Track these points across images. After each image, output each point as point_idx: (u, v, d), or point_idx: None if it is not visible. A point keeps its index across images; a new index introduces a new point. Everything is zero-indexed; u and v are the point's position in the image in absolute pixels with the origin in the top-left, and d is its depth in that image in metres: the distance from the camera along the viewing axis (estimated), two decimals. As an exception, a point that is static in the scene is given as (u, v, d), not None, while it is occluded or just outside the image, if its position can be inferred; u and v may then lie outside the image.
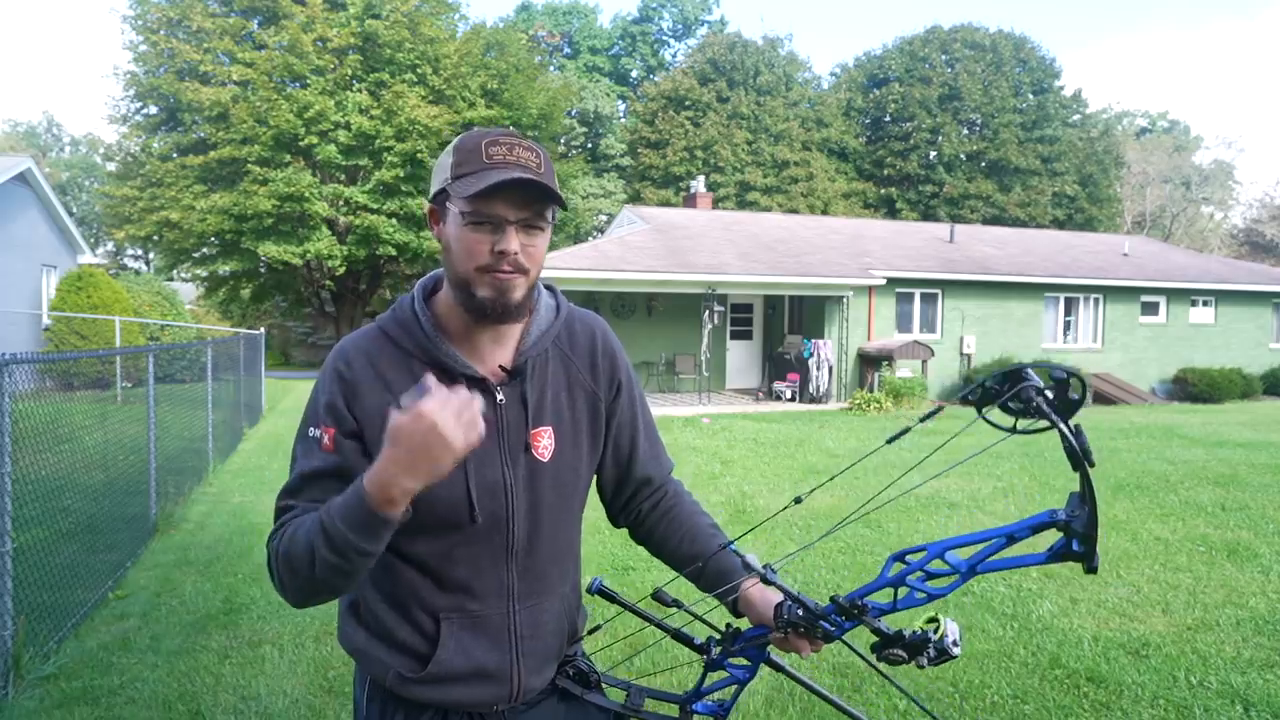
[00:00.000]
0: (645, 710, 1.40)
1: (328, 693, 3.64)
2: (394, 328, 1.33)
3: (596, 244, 18.32)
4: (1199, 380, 18.85)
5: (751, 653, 1.34)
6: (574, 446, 1.39)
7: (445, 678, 1.31)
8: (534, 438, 1.34)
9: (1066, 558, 1.03)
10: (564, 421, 1.38)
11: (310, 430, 1.29)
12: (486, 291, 1.24)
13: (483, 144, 1.23)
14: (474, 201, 1.21)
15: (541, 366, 1.37)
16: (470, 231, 1.23)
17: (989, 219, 34.04)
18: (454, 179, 1.24)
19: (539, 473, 1.35)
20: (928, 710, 1.40)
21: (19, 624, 3.73)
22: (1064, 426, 1.03)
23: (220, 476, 8.67)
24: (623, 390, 1.46)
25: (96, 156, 36.07)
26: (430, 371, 1.25)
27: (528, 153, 1.24)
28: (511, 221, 1.22)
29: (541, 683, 1.39)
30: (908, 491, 7.19)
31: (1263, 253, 44.25)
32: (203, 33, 23.03)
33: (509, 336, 1.34)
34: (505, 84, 25.31)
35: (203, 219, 22.05)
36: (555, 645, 1.41)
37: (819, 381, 16.39)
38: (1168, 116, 53.09)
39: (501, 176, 1.20)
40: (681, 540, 1.50)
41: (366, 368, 1.30)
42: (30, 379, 4.18)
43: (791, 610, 1.22)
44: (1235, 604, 4.80)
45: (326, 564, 1.14)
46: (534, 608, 1.36)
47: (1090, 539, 1.01)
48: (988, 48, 36.60)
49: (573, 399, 1.40)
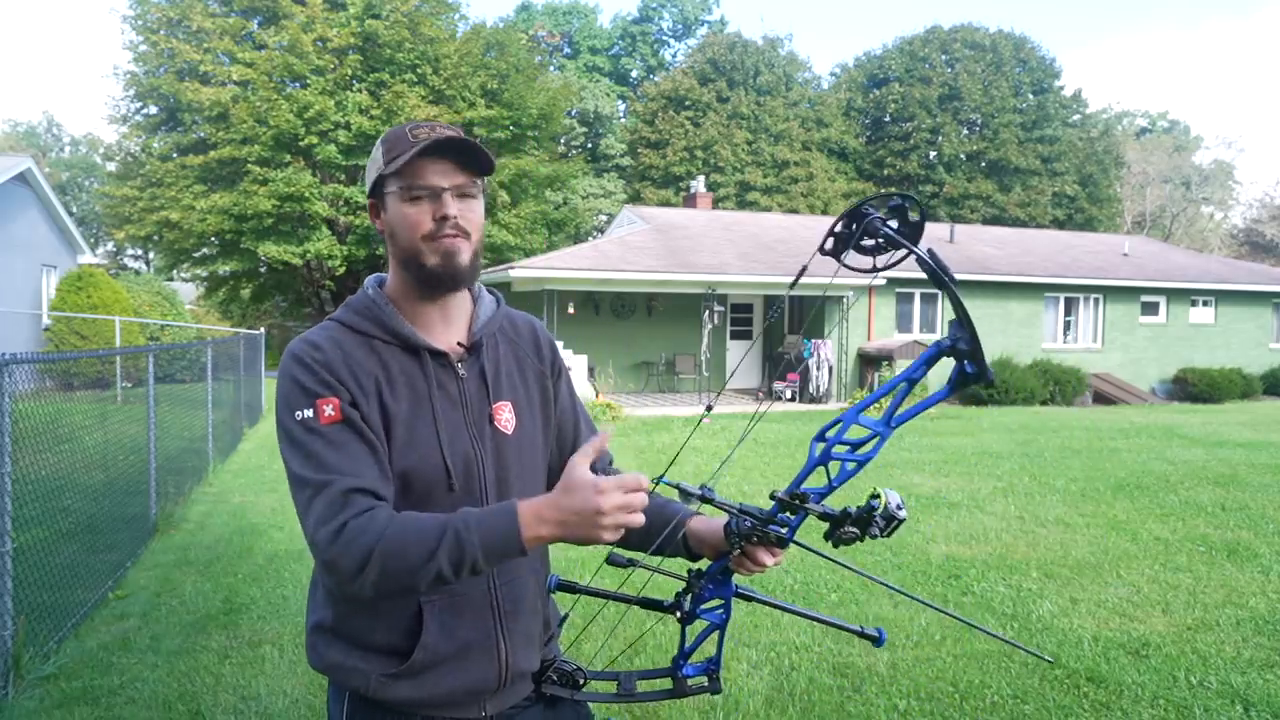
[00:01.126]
0: (640, 692, 1.40)
1: (327, 693, 3.63)
2: (349, 316, 1.37)
3: (596, 244, 18.32)
4: (1199, 380, 18.85)
5: (721, 591, 1.34)
6: (532, 420, 1.45)
7: (431, 664, 1.30)
8: (495, 411, 1.39)
9: (965, 382, 1.05)
10: (520, 397, 1.44)
11: (299, 414, 1.25)
12: (435, 259, 1.31)
13: (407, 130, 1.31)
14: (408, 175, 1.29)
15: (493, 347, 1.44)
16: (410, 207, 1.30)
17: (989, 219, 34.04)
18: (386, 164, 1.30)
19: (503, 445, 1.39)
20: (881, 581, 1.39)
21: (19, 624, 3.73)
22: (917, 250, 1.06)
23: (220, 476, 8.67)
24: (563, 375, 1.55)
25: (96, 156, 36.11)
26: (393, 348, 1.32)
27: (450, 131, 1.31)
28: (445, 189, 1.29)
29: (529, 666, 1.39)
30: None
31: (1263, 253, 44.24)
32: (203, 33, 23.02)
33: (458, 318, 1.41)
34: (505, 84, 25.30)
35: (203, 219, 22.05)
36: (535, 626, 1.42)
37: (819, 381, 16.39)
38: (1168, 116, 53.11)
39: (428, 142, 1.28)
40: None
41: (334, 348, 1.31)
42: (30, 379, 4.18)
43: (740, 523, 1.23)
44: (1235, 604, 4.80)
45: (436, 573, 1.15)
46: (512, 582, 1.37)
47: (977, 355, 1.03)
48: (988, 48, 36.60)
49: (524, 377, 1.47)
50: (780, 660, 3.95)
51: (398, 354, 1.34)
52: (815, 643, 4.16)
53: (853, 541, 1.16)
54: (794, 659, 3.96)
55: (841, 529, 1.16)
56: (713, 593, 1.34)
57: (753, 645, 4.12)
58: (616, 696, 1.40)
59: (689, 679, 1.41)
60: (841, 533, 1.16)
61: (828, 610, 4.61)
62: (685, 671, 1.40)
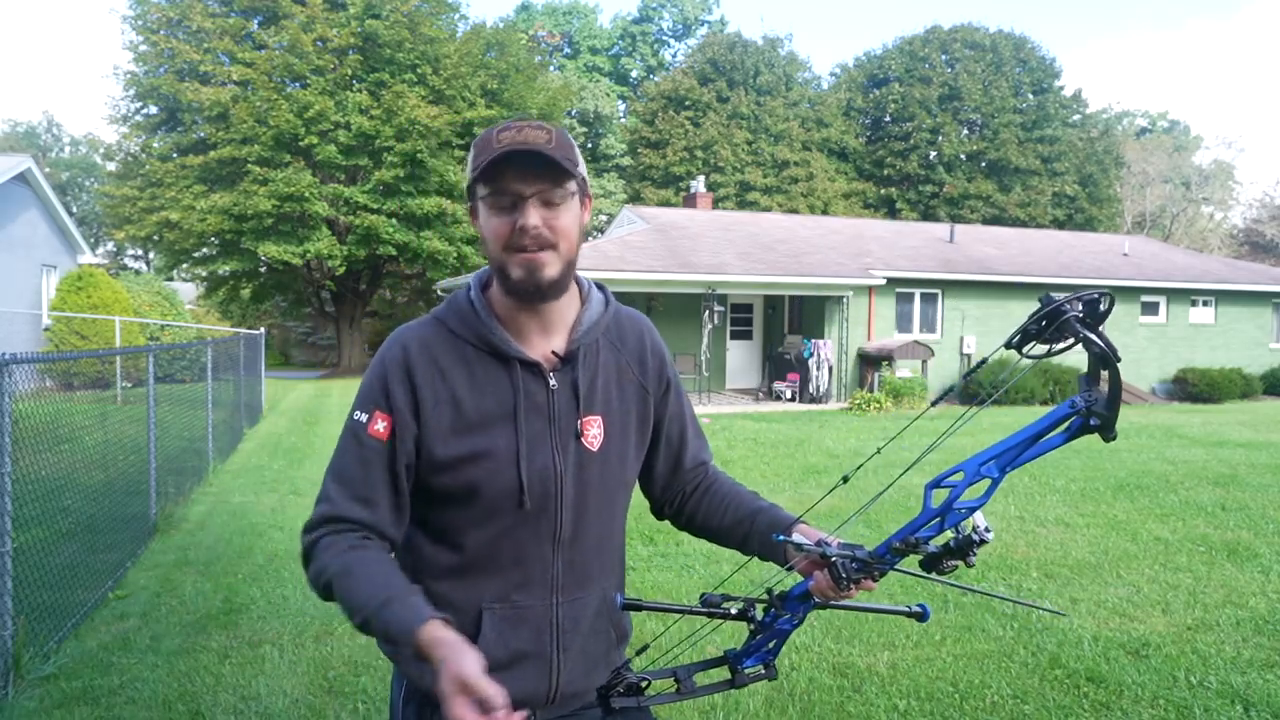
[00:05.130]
0: (701, 687, 1.40)
1: (328, 693, 3.64)
2: (449, 316, 1.36)
3: (596, 244, 18.31)
4: (1199, 380, 18.85)
5: (799, 609, 1.34)
6: (623, 437, 1.40)
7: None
8: (584, 426, 1.35)
9: (1084, 432, 1.08)
10: (613, 411, 1.39)
11: (357, 414, 1.31)
12: (518, 271, 1.27)
13: (494, 133, 1.26)
14: (488, 183, 1.25)
15: (593, 355, 1.39)
16: (493, 215, 1.26)
17: (989, 219, 34.03)
18: (473, 169, 1.27)
19: (587, 461, 1.35)
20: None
21: (19, 624, 3.73)
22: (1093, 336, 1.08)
23: (220, 476, 8.66)
24: (671, 386, 1.50)
25: (96, 156, 36.05)
26: (485, 355, 1.33)
27: (536, 131, 1.25)
28: (527, 196, 1.24)
29: (586, 688, 1.38)
30: (889, 482, 7.18)
31: (1263, 253, 44.24)
32: (203, 33, 23.03)
33: (558, 324, 1.36)
34: (505, 84, 25.31)
35: (203, 219, 22.04)
36: (598, 648, 1.40)
37: (819, 381, 16.39)
38: (1168, 116, 53.13)
39: (500, 152, 1.23)
40: (726, 513, 1.50)
41: (422, 352, 1.32)
42: (30, 379, 4.17)
43: (848, 567, 1.23)
44: (1235, 604, 4.80)
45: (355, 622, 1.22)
46: (575, 601, 1.37)
47: (1110, 419, 1.05)
48: (988, 48, 36.58)
49: (622, 390, 1.41)
50: (780, 660, 3.94)
51: (488, 361, 1.33)
52: (815, 643, 4.16)
53: (953, 570, 1.18)
54: (794, 659, 3.96)
55: (942, 563, 1.17)
56: (795, 611, 1.35)
57: (753, 645, 4.11)
58: (678, 695, 1.40)
59: (746, 669, 1.42)
60: (943, 566, 1.18)
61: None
62: (744, 664, 1.41)
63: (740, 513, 1.47)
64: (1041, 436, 1.11)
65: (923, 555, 1.18)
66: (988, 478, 1.13)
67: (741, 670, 1.40)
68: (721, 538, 1.50)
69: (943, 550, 1.16)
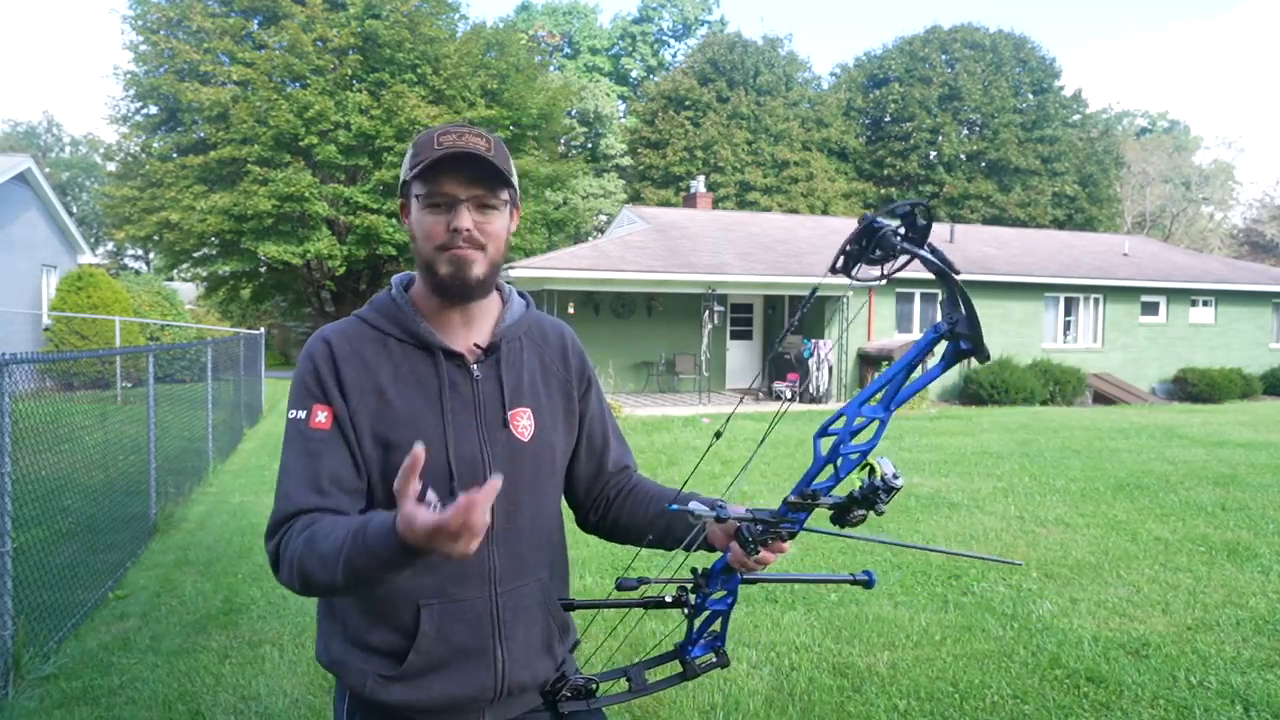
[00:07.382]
0: (652, 684, 1.40)
1: (328, 693, 3.63)
2: (370, 314, 1.40)
3: (596, 244, 18.32)
4: (1199, 380, 18.85)
5: (727, 584, 1.34)
6: (553, 429, 1.44)
7: (426, 668, 1.30)
8: (513, 418, 1.38)
9: (959, 358, 1.07)
10: (541, 404, 1.43)
11: (294, 414, 1.32)
12: (446, 269, 1.31)
13: (435, 135, 1.30)
14: (425, 182, 1.29)
15: (516, 352, 1.43)
16: (428, 214, 1.31)
17: (989, 219, 34.03)
18: (411, 168, 1.31)
19: (519, 452, 1.37)
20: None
21: (19, 624, 3.73)
22: (923, 253, 1.07)
23: (220, 476, 8.67)
24: (592, 386, 1.54)
25: (96, 156, 36.07)
26: (409, 347, 1.34)
27: (477, 138, 1.30)
28: (463, 199, 1.29)
29: (531, 678, 1.38)
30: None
31: (1263, 253, 44.24)
32: (203, 33, 23.01)
33: (481, 321, 1.41)
34: (505, 84, 25.29)
35: (203, 219, 22.03)
36: (539, 638, 1.40)
37: (819, 381, 16.39)
38: (1168, 116, 53.11)
39: (442, 153, 1.27)
40: (648, 507, 1.51)
41: (344, 344, 1.35)
42: (30, 379, 4.18)
43: (751, 530, 1.23)
44: (1235, 604, 4.80)
45: (341, 586, 1.18)
46: (514, 591, 1.37)
47: (975, 336, 1.05)
48: (988, 48, 36.58)
49: (548, 385, 1.46)
50: (780, 660, 3.95)
51: (412, 353, 1.36)
52: (815, 643, 4.16)
53: (861, 522, 1.16)
54: (794, 659, 3.96)
55: (850, 514, 1.16)
56: (718, 587, 1.34)
57: (753, 645, 4.12)
58: (631, 694, 1.40)
59: (697, 659, 1.42)
60: (851, 517, 1.16)
61: (828, 610, 4.61)
62: (692, 653, 1.41)
63: (662, 503, 1.48)
64: (916, 366, 1.10)
65: (828, 508, 1.17)
66: (875, 419, 1.12)
67: (693, 662, 1.41)
68: (645, 532, 1.50)
69: (847, 500, 1.15)
